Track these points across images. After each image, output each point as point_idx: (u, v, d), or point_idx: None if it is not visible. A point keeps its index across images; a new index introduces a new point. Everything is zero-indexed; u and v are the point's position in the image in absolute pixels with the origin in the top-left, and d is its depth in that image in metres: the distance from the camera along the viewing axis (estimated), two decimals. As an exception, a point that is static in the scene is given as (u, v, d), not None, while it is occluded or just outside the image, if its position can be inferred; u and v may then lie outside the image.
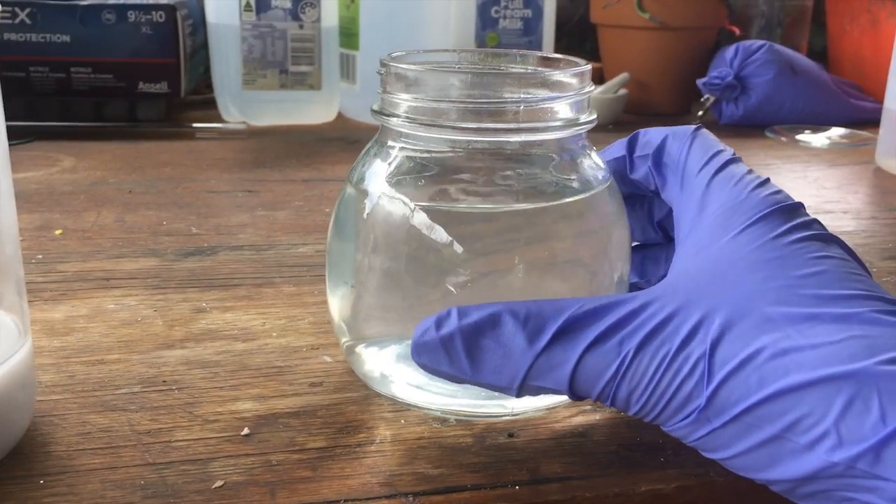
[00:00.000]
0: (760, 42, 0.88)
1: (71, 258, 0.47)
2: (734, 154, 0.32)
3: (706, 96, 0.88)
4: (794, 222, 0.28)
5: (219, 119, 0.84)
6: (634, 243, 0.37)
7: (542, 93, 0.31)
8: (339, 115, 0.87)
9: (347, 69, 0.86)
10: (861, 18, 0.97)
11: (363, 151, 0.34)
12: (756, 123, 0.87)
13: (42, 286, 0.43)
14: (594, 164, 0.33)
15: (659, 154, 0.33)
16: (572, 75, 0.32)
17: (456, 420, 0.32)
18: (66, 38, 0.78)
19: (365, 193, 0.32)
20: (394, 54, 0.33)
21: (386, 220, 0.31)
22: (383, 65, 0.32)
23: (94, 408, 0.32)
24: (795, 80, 0.87)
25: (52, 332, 0.38)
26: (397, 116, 0.31)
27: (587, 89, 0.32)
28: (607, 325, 0.26)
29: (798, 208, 0.29)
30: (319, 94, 0.84)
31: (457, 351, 0.27)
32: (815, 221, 0.29)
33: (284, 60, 0.82)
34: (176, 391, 0.34)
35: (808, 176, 0.71)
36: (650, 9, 0.89)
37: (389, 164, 0.32)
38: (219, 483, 0.28)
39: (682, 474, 0.29)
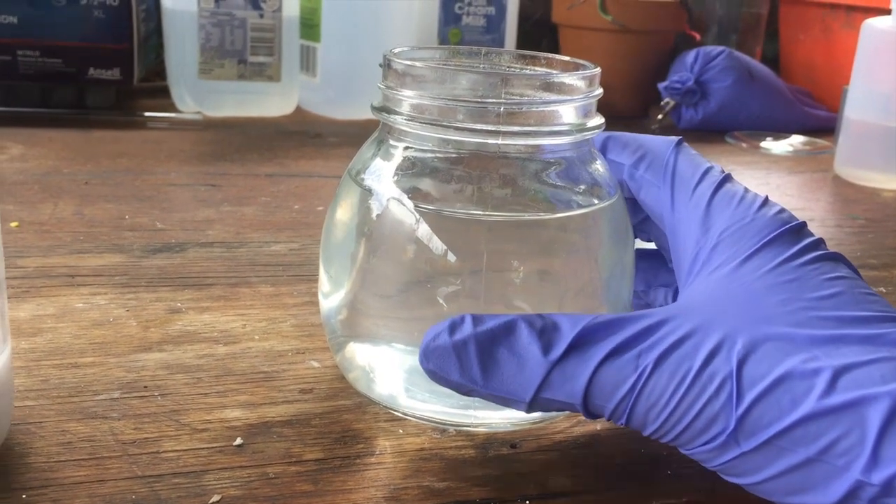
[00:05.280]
0: (720, 48, 0.89)
1: (30, 252, 0.45)
2: (723, 170, 0.31)
3: (666, 100, 0.88)
4: (803, 243, 0.28)
5: (172, 109, 0.81)
6: None
7: (551, 95, 0.30)
8: (298, 108, 0.85)
9: (308, 61, 0.84)
10: (814, 27, 0.99)
11: (364, 146, 0.33)
12: (714, 129, 0.88)
13: (2, 282, 0.41)
14: (603, 174, 0.32)
15: (637, 165, 0.32)
16: (580, 78, 0.31)
17: (455, 430, 0.31)
18: (14, 20, 0.74)
19: (371, 193, 0.30)
20: (396, 49, 0.32)
21: (394, 224, 0.30)
22: (387, 60, 0.31)
23: (73, 415, 0.30)
24: (753, 86, 0.88)
25: (19, 332, 0.36)
26: (400, 114, 0.30)
27: (595, 93, 0.31)
28: (624, 337, 0.25)
29: (803, 228, 0.29)
30: (278, 86, 0.82)
31: (469, 358, 0.26)
32: (822, 241, 0.28)
33: (243, 50, 0.80)
34: (159, 397, 0.32)
35: (771, 182, 0.72)
36: (612, 11, 0.89)
37: (393, 162, 0.31)
38: (216, 498, 0.26)
39: (689, 488, 0.29)
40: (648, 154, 0.32)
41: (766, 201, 0.30)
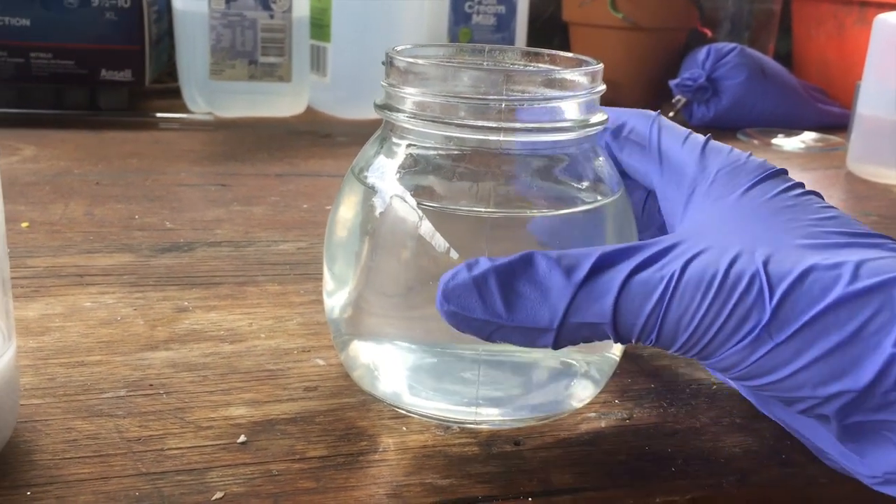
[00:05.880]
0: (732, 45, 0.88)
1: (40, 252, 0.45)
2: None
3: (677, 97, 0.88)
4: (792, 182, 0.30)
5: (183, 109, 0.81)
6: None
7: (553, 92, 0.30)
8: (308, 108, 0.85)
9: (318, 61, 0.84)
10: (827, 24, 0.98)
11: (367, 144, 0.33)
12: (726, 126, 0.88)
13: (12, 282, 0.41)
14: (606, 170, 0.32)
15: (620, 129, 0.34)
16: (582, 74, 0.31)
17: (459, 427, 0.31)
18: (26, 22, 0.74)
19: (374, 191, 0.30)
20: (398, 47, 0.32)
21: (397, 222, 0.30)
22: (389, 58, 0.31)
23: (79, 413, 0.30)
24: (765, 83, 0.88)
25: (28, 331, 0.36)
26: (402, 111, 0.30)
27: (598, 89, 0.31)
28: (644, 257, 0.26)
29: (787, 172, 0.31)
30: (289, 87, 0.82)
31: (491, 292, 0.26)
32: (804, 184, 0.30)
33: (254, 51, 0.80)
34: (164, 395, 0.32)
35: (782, 179, 0.71)
36: (623, 9, 0.89)
37: (396, 160, 0.31)
38: (218, 494, 0.27)
39: (693, 485, 0.29)
40: (630, 120, 0.34)
41: (751, 154, 0.32)
